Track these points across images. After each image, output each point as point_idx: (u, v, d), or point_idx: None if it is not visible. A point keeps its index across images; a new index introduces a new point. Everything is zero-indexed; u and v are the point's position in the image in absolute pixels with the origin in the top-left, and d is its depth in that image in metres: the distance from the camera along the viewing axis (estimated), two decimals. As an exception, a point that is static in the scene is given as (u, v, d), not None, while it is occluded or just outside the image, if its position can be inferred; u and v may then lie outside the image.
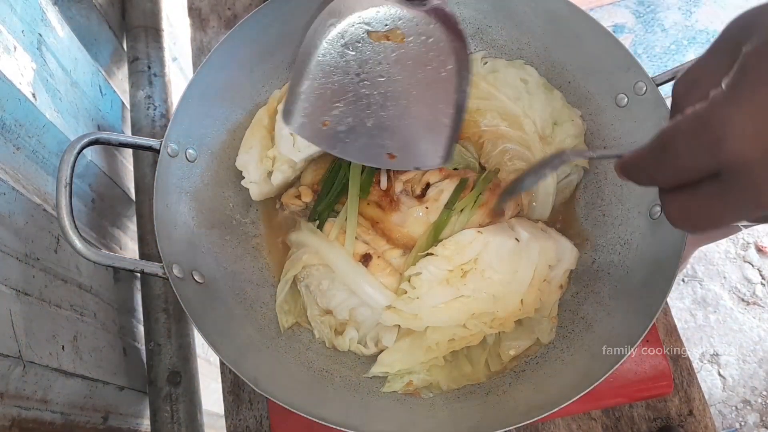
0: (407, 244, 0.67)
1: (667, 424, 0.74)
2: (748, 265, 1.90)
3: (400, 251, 0.67)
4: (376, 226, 0.68)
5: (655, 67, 1.97)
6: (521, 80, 0.73)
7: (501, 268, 0.63)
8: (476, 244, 0.64)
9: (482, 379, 0.66)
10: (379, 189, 0.68)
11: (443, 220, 0.66)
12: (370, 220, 0.68)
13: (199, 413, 0.79)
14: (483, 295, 0.63)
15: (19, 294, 0.59)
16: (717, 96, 0.33)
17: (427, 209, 0.66)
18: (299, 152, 0.69)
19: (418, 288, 0.62)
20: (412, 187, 0.68)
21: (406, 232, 0.67)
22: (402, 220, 0.67)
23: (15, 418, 0.54)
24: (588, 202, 0.74)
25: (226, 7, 1.02)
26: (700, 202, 0.36)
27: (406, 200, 0.67)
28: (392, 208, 0.67)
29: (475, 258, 0.63)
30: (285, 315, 0.69)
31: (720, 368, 1.78)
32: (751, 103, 0.30)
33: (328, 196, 0.70)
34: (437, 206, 0.66)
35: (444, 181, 0.68)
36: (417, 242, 0.66)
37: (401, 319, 0.63)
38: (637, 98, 0.67)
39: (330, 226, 0.68)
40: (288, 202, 0.73)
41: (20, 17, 0.67)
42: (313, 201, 0.72)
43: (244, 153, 0.71)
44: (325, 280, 0.66)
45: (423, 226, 0.67)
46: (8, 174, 0.63)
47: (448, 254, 0.63)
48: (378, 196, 0.68)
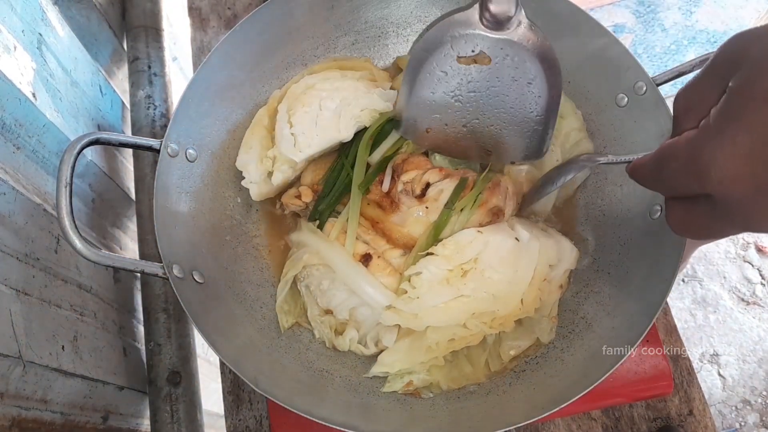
0: (407, 243, 0.67)
1: (667, 424, 0.74)
2: (748, 265, 1.90)
3: (400, 251, 0.67)
4: (376, 226, 0.68)
5: (655, 67, 1.97)
6: None
7: (501, 268, 0.63)
8: (476, 243, 0.64)
9: (482, 379, 0.66)
10: (379, 189, 0.68)
11: (443, 219, 0.66)
12: (370, 220, 0.68)
13: (199, 413, 0.79)
14: (483, 294, 0.63)
15: (19, 294, 0.59)
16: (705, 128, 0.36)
17: (427, 209, 0.66)
18: (300, 152, 0.69)
19: (418, 288, 0.62)
20: (412, 186, 0.68)
21: (406, 232, 0.67)
22: (402, 220, 0.67)
23: (15, 418, 0.54)
24: (588, 202, 0.74)
25: (226, 7, 1.02)
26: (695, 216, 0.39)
27: (406, 200, 0.67)
28: (392, 208, 0.67)
29: (475, 258, 0.63)
30: (285, 315, 0.69)
31: (720, 368, 1.78)
32: (732, 146, 0.33)
33: (330, 195, 0.70)
34: (437, 206, 0.66)
35: (444, 180, 0.68)
36: (417, 242, 0.66)
37: (401, 319, 0.63)
38: (637, 98, 0.67)
39: (331, 226, 0.68)
40: (288, 203, 0.73)
41: (20, 17, 0.67)
42: (314, 201, 0.72)
43: (244, 153, 0.71)
44: (325, 280, 0.66)
45: (423, 226, 0.67)
46: (8, 174, 0.63)
47: (448, 254, 0.63)
48: (378, 196, 0.68)
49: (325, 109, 0.70)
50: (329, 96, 0.70)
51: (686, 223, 0.41)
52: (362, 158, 0.70)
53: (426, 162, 0.71)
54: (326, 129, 0.69)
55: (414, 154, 0.71)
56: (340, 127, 0.69)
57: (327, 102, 0.70)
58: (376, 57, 0.81)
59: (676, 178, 0.39)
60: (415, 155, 0.71)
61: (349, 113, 0.70)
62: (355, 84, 0.73)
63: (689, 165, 0.37)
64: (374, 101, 0.71)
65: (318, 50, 0.78)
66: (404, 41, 0.81)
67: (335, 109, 0.70)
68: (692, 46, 1.97)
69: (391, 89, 0.74)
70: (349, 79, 0.73)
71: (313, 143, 0.69)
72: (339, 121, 0.69)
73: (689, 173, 0.37)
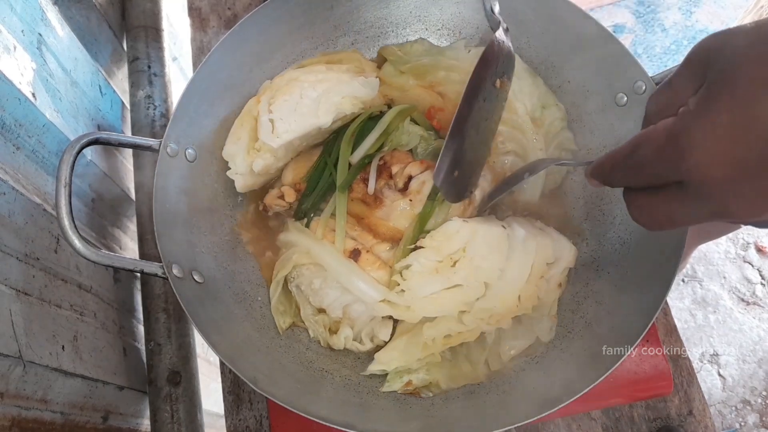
0: (394, 237, 0.68)
1: (667, 424, 0.74)
2: (747, 265, 1.90)
3: (388, 245, 0.68)
4: (361, 222, 0.68)
5: (655, 67, 1.97)
6: None
7: (490, 256, 0.63)
8: (464, 232, 0.64)
9: (482, 378, 0.66)
10: (362, 185, 0.69)
11: (427, 210, 0.66)
12: (355, 216, 0.69)
13: (199, 413, 0.79)
14: (474, 282, 0.63)
15: (19, 294, 0.59)
16: (685, 115, 0.36)
17: (411, 202, 0.67)
18: (277, 138, 0.67)
19: (408, 280, 0.63)
20: (395, 181, 0.68)
21: (392, 225, 0.67)
22: (387, 214, 0.67)
23: (15, 418, 0.54)
24: (588, 201, 0.74)
25: (226, 7, 1.02)
26: (661, 203, 0.40)
27: (389, 194, 0.68)
28: (377, 204, 0.68)
29: (464, 247, 0.64)
30: (281, 316, 0.69)
31: (720, 368, 1.78)
32: (713, 127, 0.34)
33: (314, 194, 0.70)
34: (420, 198, 0.67)
35: (425, 172, 0.68)
36: (404, 235, 0.67)
37: (394, 311, 0.63)
38: (636, 98, 0.67)
39: (317, 225, 0.68)
40: (271, 203, 0.72)
41: (20, 17, 0.67)
42: (297, 201, 0.71)
43: (232, 143, 0.70)
44: (316, 279, 0.66)
45: (408, 218, 0.67)
46: (8, 174, 0.63)
47: (436, 245, 0.64)
48: (362, 193, 0.69)
49: (306, 97, 0.69)
50: (311, 86, 0.70)
51: (649, 210, 0.41)
52: (345, 156, 0.70)
53: (407, 156, 0.71)
54: (304, 115, 0.68)
55: (396, 150, 0.72)
56: (319, 113, 0.68)
57: (309, 91, 0.69)
58: (376, 57, 0.81)
59: (650, 165, 0.39)
60: (397, 151, 0.71)
61: (329, 100, 0.69)
62: (339, 76, 0.72)
63: (665, 150, 0.37)
64: (355, 89, 0.70)
65: (318, 50, 0.78)
66: (404, 41, 0.81)
67: (316, 98, 0.69)
68: (692, 46, 1.97)
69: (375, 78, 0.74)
70: (334, 72, 0.73)
71: (290, 128, 0.68)
72: (318, 108, 0.68)
73: (664, 158, 0.37)
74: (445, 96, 0.76)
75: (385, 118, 0.72)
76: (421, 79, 0.77)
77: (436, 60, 0.76)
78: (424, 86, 0.77)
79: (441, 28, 0.80)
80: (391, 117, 0.72)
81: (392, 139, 0.72)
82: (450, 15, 0.79)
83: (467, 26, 0.79)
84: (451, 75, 0.76)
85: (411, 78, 0.77)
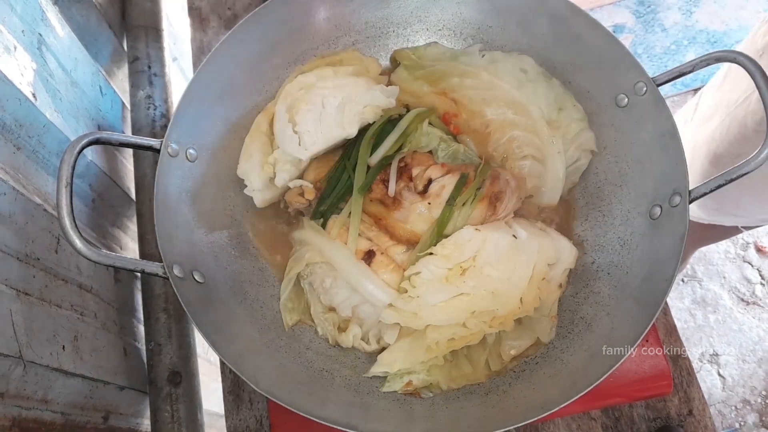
0: (411, 239, 0.68)
1: (667, 424, 0.74)
2: (747, 265, 1.90)
3: (404, 247, 0.68)
4: (379, 223, 0.68)
5: (655, 67, 1.97)
6: (521, 70, 0.74)
7: (499, 265, 0.63)
8: (475, 241, 0.64)
9: (482, 379, 0.66)
10: (381, 187, 0.68)
11: (446, 216, 0.66)
12: (373, 217, 0.69)
13: (199, 413, 0.79)
14: (482, 292, 0.63)
15: (20, 294, 0.59)
16: None
17: (430, 205, 0.67)
18: (306, 150, 0.69)
19: (418, 287, 0.63)
20: (415, 183, 0.68)
21: (409, 228, 0.67)
22: (405, 216, 0.67)
23: (15, 418, 0.54)
24: (588, 202, 0.74)
25: (226, 7, 1.02)
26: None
27: (408, 196, 0.67)
28: (395, 205, 0.67)
29: (474, 256, 0.63)
30: (289, 313, 0.69)
31: (719, 368, 1.78)
32: None
33: (331, 196, 0.70)
34: (440, 201, 0.67)
35: (446, 176, 0.68)
36: (421, 239, 0.67)
37: (401, 318, 0.63)
38: (637, 98, 0.67)
39: (333, 224, 0.68)
40: (292, 200, 0.73)
41: (20, 17, 0.67)
42: (317, 198, 0.72)
43: (245, 161, 0.71)
44: (328, 277, 0.67)
45: (426, 222, 0.67)
46: (8, 174, 0.62)
47: (447, 253, 0.63)
48: (381, 194, 0.68)
49: (329, 106, 0.70)
50: (332, 94, 0.71)
51: None
52: (363, 160, 0.70)
53: (429, 158, 0.71)
54: (330, 126, 0.69)
55: (417, 152, 0.71)
56: (344, 124, 0.69)
57: (330, 100, 0.70)
58: (377, 57, 0.81)
59: None
60: (418, 153, 0.71)
61: (352, 110, 0.70)
62: (356, 80, 0.73)
63: None
64: (377, 98, 0.71)
65: (318, 50, 0.78)
66: (404, 41, 0.81)
67: (338, 107, 0.70)
68: (692, 46, 1.97)
69: (390, 84, 0.74)
70: (348, 76, 0.74)
71: (318, 141, 0.69)
72: (343, 118, 0.69)
73: None
74: (459, 102, 0.76)
75: (403, 121, 0.72)
76: (435, 86, 0.77)
77: (449, 66, 0.76)
78: (438, 93, 0.77)
79: (442, 28, 0.80)
80: (409, 120, 0.72)
81: (411, 140, 0.72)
82: (450, 15, 0.79)
83: (468, 26, 0.79)
84: (465, 81, 0.75)
85: (425, 84, 0.77)
